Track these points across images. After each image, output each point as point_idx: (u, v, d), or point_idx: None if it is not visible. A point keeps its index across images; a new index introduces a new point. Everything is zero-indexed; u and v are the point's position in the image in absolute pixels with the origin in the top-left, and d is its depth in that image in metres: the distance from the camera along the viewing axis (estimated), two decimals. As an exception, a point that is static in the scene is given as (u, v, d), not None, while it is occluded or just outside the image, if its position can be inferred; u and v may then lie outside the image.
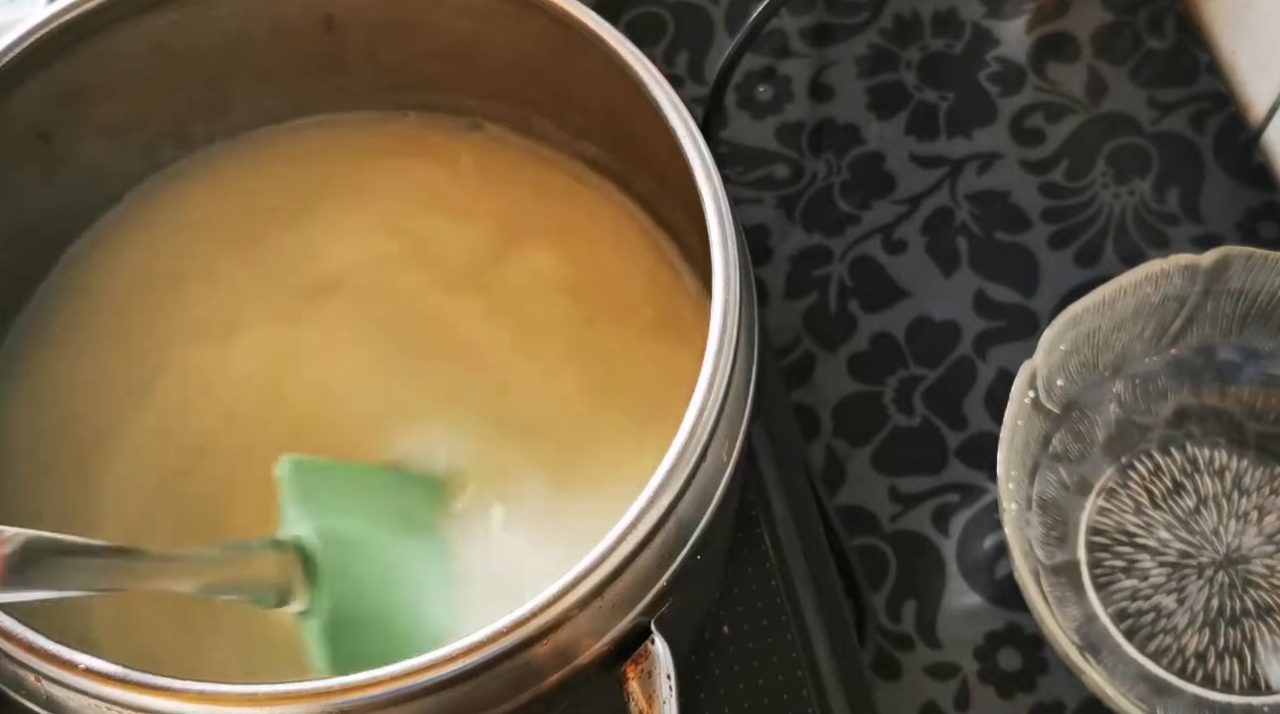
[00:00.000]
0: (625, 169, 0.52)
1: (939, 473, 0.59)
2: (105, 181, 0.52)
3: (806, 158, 0.66)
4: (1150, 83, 0.68)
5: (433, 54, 0.52)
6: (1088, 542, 0.56)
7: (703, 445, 0.39)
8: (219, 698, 0.35)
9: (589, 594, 0.37)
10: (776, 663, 0.52)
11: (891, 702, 0.55)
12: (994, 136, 0.67)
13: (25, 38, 0.45)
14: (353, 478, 0.45)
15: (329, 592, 0.41)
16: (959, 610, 0.57)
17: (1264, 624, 0.55)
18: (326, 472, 0.44)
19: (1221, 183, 0.65)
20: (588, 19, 0.45)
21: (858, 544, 0.58)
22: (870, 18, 0.70)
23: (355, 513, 0.43)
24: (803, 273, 0.64)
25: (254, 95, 0.53)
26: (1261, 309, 0.58)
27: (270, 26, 0.51)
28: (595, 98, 0.49)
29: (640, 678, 0.39)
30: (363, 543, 0.43)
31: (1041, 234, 0.64)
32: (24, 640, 0.36)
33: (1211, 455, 0.58)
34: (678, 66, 0.68)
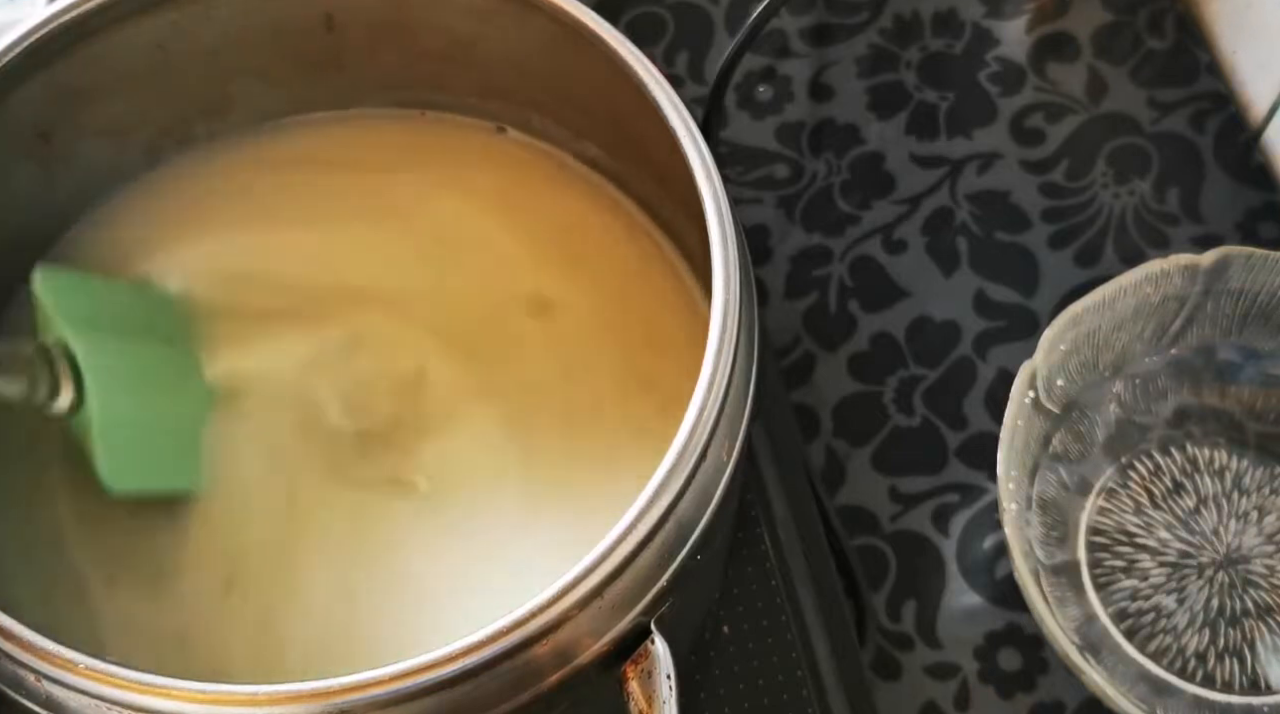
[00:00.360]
0: (625, 169, 0.52)
1: (939, 473, 0.59)
2: (105, 181, 0.52)
3: (806, 158, 0.66)
4: (1150, 83, 0.68)
5: (433, 54, 0.52)
6: (1088, 542, 0.56)
7: (703, 445, 0.39)
8: (219, 698, 0.35)
9: (589, 594, 0.37)
10: (776, 663, 0.52)
11: (891, 702, 0.55)
12: (994, 136, 0.67)
13: (25, 38, 0.45)
14: (106, 290, 0.48)
15: (94, 391, 0.44)
16: (959, 610, 0.57)
17: (1264, 624, 0.55)
18: (80, 283, 0.48)
19: (1221, 183, 0.65)
20: (588, 19, 0.45)
21: (858, 544, 0.58)
22: (870, 18, 0.70)
23: (110, 320, 0.47)
24: (803, 273, 0.64)
25: (254, 95, 0.53)
26: (1261, 309, 0.58)
27: (270, 26, 0.51)
28: (595, 98, 0.49)
29: (640, 678, 0.39)
30: (119, 346, 0.46)
31: (1041, 234, 0.64)
32: (24, 640, 0.36)
33: (1211, 455, 0.58)
34: (678, 66, 0.68)
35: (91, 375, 0.44)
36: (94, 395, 0.44)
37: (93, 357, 0.44)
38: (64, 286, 0.46)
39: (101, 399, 0.44)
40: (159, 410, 0.47)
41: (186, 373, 0.49)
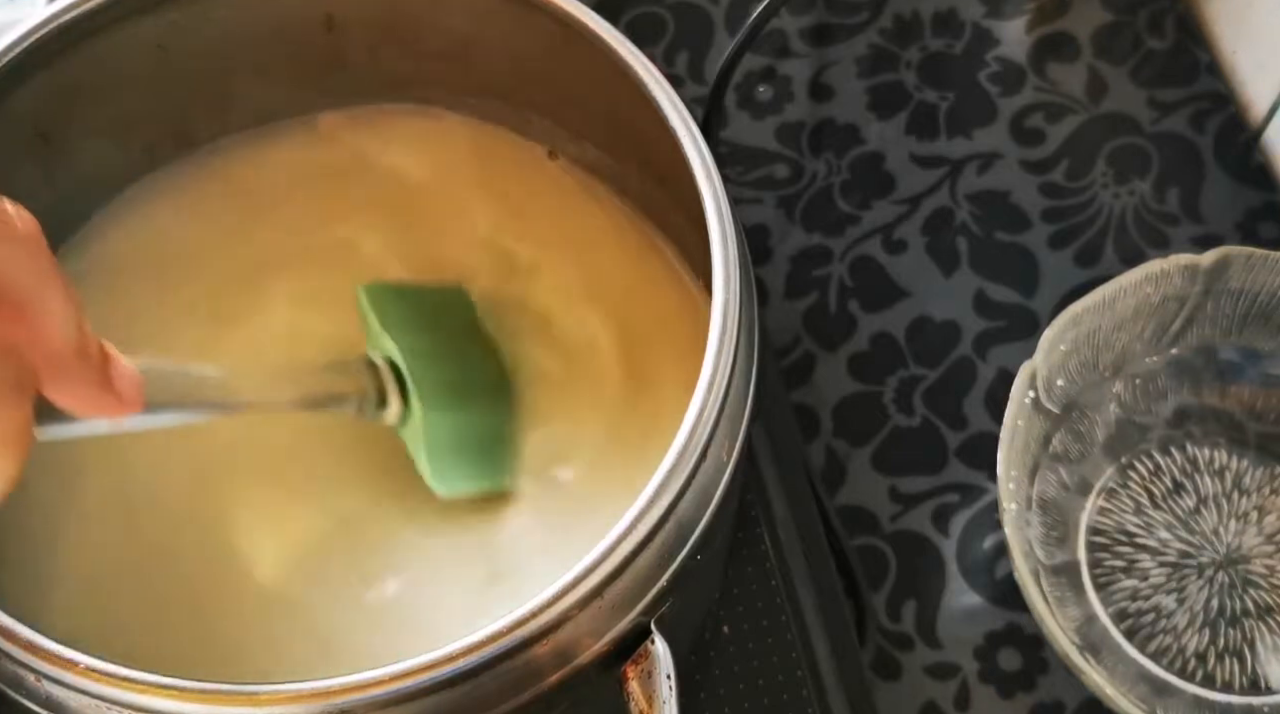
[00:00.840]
0: (625, 169, 0.52)
1: (939, 473, 0.59)
2: (105, 181, 0.52)
3: (806, 158, 0.66)
4: (1150, 83, 0.68)
5: (433, 54, 0.52)
6: (1088, 542, 0.56)
7: (703, 445, 0.39)
8: (219, 698, 0.35)
9: (589, 594, 0.37)
10: (776, 663, 0.52)
11: (891, 702, 0.55)
12: (994, 136, 0.67)
13: (25, 38, 0.45)
14: (417, 297, 0.49)
15: (418, 401, 0.45)
16: (959, 610, 0.57)
17: (1264, 624, 0.55)
18: (399, 294, 0.48)
19: (1221, 183, 0.65)
20: (588, 19, 0.45)
21: (858, 544, 0.58)
22: (870, 18, 0.70)
23: (429, 327, 0.47)
24: (803, 273, 0.64)
25: (254, 94, 0.53)
26: (1261, 309, 0.58)
27: (270, 26, 0.51)
28: (595, 98, 0.49)
29: (640, 678, 0.39)
30: (439, 354, 0.47)
31: (1041, 234, 0.64)
32: (24, 640, 0.36)
33: (1211, 455, 0.58)
34: (678, 66, 0.68)
35: (416, 385, 0.45)
36: (419, 404, 0.45)
37: (416, 367, 0.45)
38: (383, 298, 0.47)
39: (427, 407, 0.45)
40: (475, 412, 0.48)
41: (494, 373, 0.50)
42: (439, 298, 0.50)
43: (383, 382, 0.45)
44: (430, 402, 0.46)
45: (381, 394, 0.45)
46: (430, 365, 0.46)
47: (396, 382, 0.46)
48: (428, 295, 0.50)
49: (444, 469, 0.46)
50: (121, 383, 0.32)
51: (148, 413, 0.34)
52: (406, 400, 0.46)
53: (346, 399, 0.44)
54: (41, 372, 0.30)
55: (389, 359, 0.46)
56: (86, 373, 0.31)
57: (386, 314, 0.47)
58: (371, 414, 0.45)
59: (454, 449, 0.47)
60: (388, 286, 0.49)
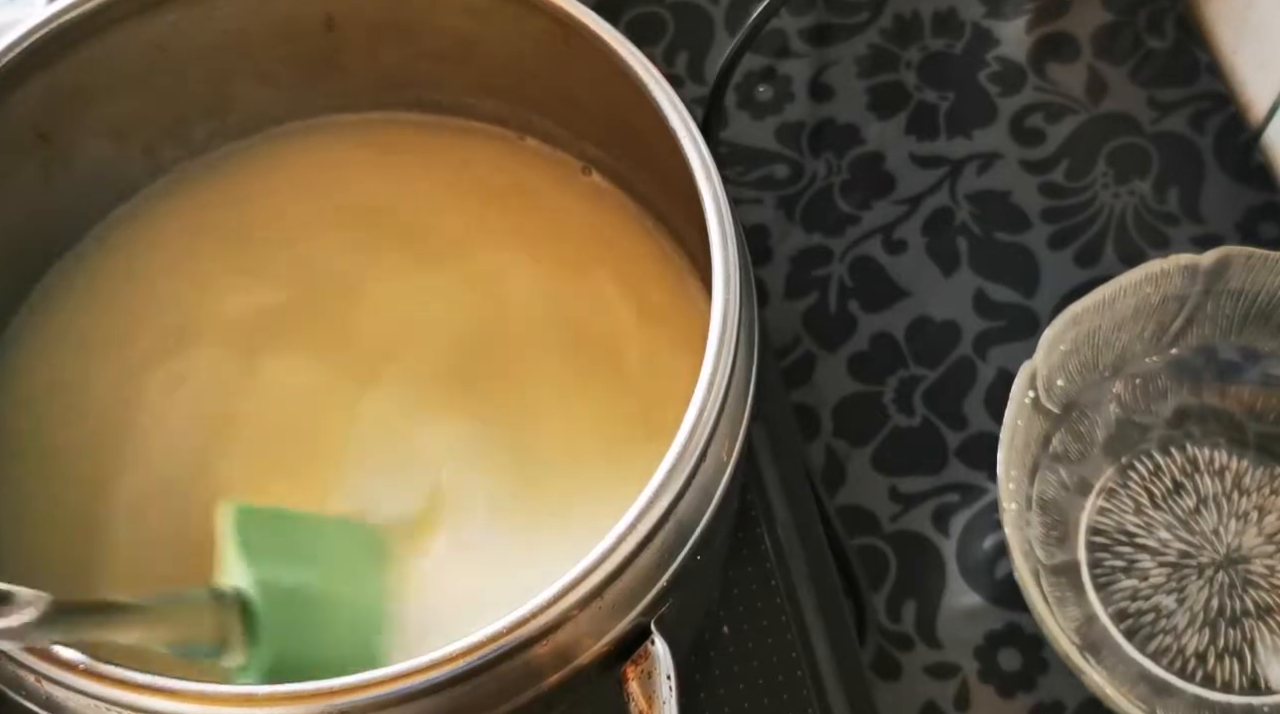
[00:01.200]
0: (625, 169, 0.52)
1: (939, 473, 0.59)
2: (105, 182, 0.52)
3: (806, 158, 0.66)
4: (1150, 83, 0.68)
5: (433, 54, 0.52)
6: (1088, 542, 0.56)
7: (703, 445, 0.39)
8: (219, 698, 0.35)
9: (589, 594, 0.37)
10: (776, 663, 0.52)
11: (891, 702, 0.55)
12: (994, 136, 0.67)
13: (25, 38, 0.45)
14: (296, 525, 0.44)
15: (267, 644, 0.40)
16: (959, 610, 0.57)
17: (1264, 624, 0.55)
18: (270, 519, 0.43)
19: (1221, 183, 0.65)
20: (588, 19, 0.45)
21: (858, 544, 0.58)
22: (870, 18, 0.70)
23: (296, 562, 0.42)
24: (803, 273, 0.64)
25: (254, 96, 0.53)
26: (1261, 309, 0.58)
27: (270, 26, 0.51)
28: (595, 98, 0.49)
29: (640, 678, 0.39)
30: (303, 594, 0.42)
31: (1041, 234, 0.64)
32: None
33: (1211, 455, 0.58)
34: (678, 66, 0.68)
35: (268, 630, 0.40)
36: (265, 648, 0.40)
37: (272, 609, 0.40)
38: (252, 522, 0.42)
39: (274, 653, 0.40)
40: (333, 658, 0.41)
41: (365, 610, 0.44)
42: (311, 526, 0.45)
43: (227, 622, 0.40)
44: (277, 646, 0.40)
45: (223, 639, 0.40)
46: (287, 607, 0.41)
47: (244, 624, 0.40)
48: (298, 521, 0.45)
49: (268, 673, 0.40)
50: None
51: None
52: (251, 640, 0.40)
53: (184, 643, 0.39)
54: None
55: (238, 596, 0.40)
56: None
57: (252, 540, 0.41)
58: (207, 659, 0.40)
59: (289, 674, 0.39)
60: (258, 510, 0.43)
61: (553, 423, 0.49)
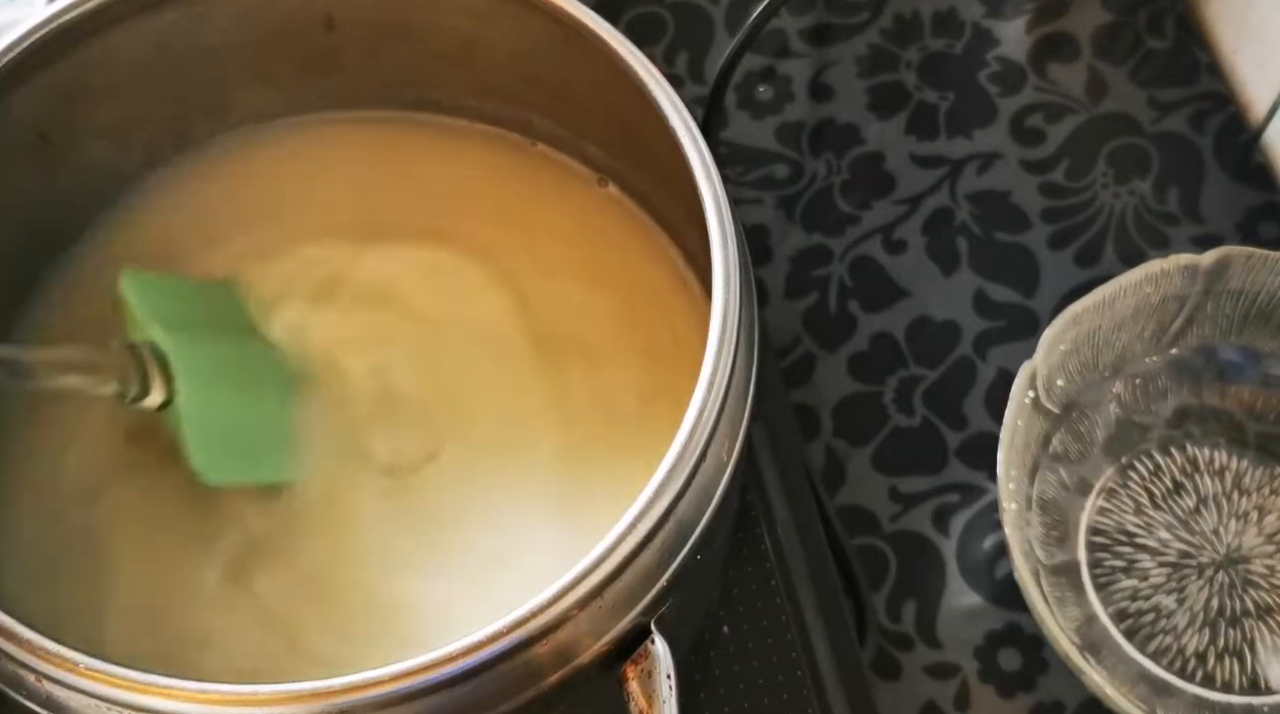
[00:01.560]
0: (625, 169, 0.52)
1: (939, 473, 0.59)
2: (105, 182, 0.52)
3: (806, 158, 0.66)
4: (1150, 83, 0.68)
5: (433, 54, 0.52)
6: (1088, 542, 0.56)
7: (703, 445, 0.39)
8: (219, 698, 0.35)
9: (589, 594, 0.37)
10: (776, 663, 0.52)
11: (891, 702, 0.55)
12: (994, 136, 0.67)
13: (25, 38, 0.45)
14: (185, 288, 0.49)
15: (184, 384, 0.45)
16: (959, 610, 0.57)
17: (1264, 624, 0.55)
18: (161, 283, 0.49)
19: (1221, 183, 0.65)
20: (588, 19, 0.45)
21: (858, 544, 0.58)
22: (870, 18, 0.70)
23: (195, 318, 0.47)
24: (803, 273, 0.64)
25: (254, 95, 0.53)
26: (1261, 309, 0.58)
27: (270, 26, 0.51)
28: (595, 98, 0.49)
29: (640, 678, 0.39)
30: (204, 342, 0.47)
31: (1041, 234, 0.64)
32: (24, 640, 0.36)
33: (1211, 455, 0.58)
34: (678, 66, 0.68)
35: (181, 372, 0.45)
36: (184, 391, 0.45)
37: (181, 353, 0.45)
38: (147, 287, 0.47)
39: (191, 394, 0.45)
40: (247, 403, 0.48)
41: (268, 365, 0.50)
42: (207, 292, 0.50)
43: (145, 366, 0.45)
44: (197, 388, 0.46)
45: (144, 379, 0.45)
46: (196, 352, 0.46)
47: (160, 369, 0.45)
48: (194, 288, 0.50)
49: (212, 457, 0.46)
50: None
51: None
52: (169, 388, 0.45)
53: (105, 380, 0.44)
54: None
55: (153, 345, 0.45)
56: None
57: (151, 302, 0.47)
58: (135, 397, 0.45)
59: (223, 437, 0.47)
60: (152, 276, 0.49)
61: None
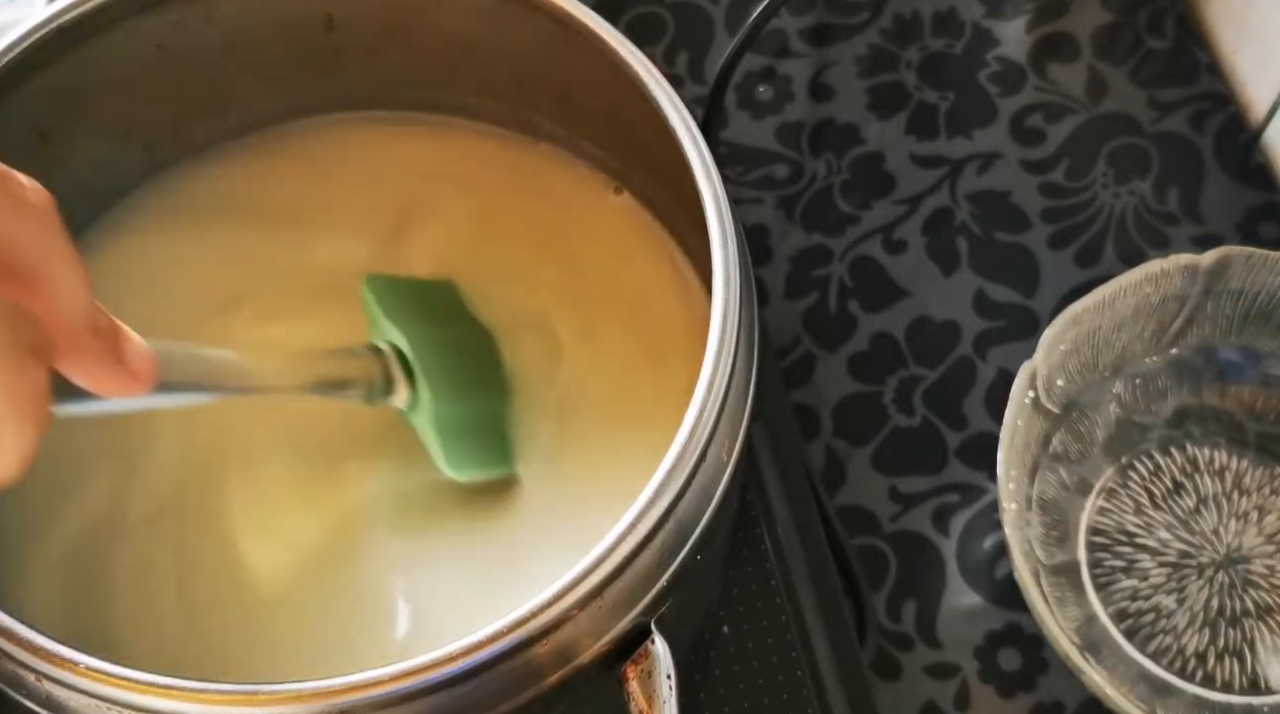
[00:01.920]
0: (625, 169, 0.52)
1: (939, 473, 0.59)
2: (105, 182, 0.52)
3: (806, 158, 0.66)
4: (1150, 83, 0.68)
5: (433, 54, 0.52)
6: (1088, 542, 0.56)
7: (703, 445, 0.39)
8: (219, 698, 0.35)
9: (589, 594, 0.37)
10: (776, 663, 0.52)
11: (891, 702, 0.55)
12: (994, 136, 0.67)
13: (25, 38, 0.45)
14: (416, 289, 0.50)
15: (426, 385, 0.46)
16: (959, 610, 0.57)
17: (1264, 624, 0.55)
18: (397, 285, 0.49)
19: (1221, 183, 0.65)
20: (588, 19, 0.45)
21: (858, 544, 0.58)
22: (870, 18, 0.70)
23: (428, 317, 0.48)
24: (803, 273, 0.64)
25: (254, 95, 0.53)
26: (1261, 309, 0.58)
27: (270, 26, 0.51)
28: (595, 98, 0.49)
29: (640, 678, 0.39)
30: (440, 342, 0.48)
31: (1041, 234, 0.64)
32: (24, 640, 0.36)
33: (1211, 455, 0.58)
34: (678, 66, 0.68)
35: (422, 371, 0.46)
36: (426, 389, 0.46)
37: (420, 353, 0.46)
38: (384, 289, 0.48)
39: (434, 392, 0.46)
40: (478, 400, 0.49)
41: (491, 363, 0.51)
42: (433, 290, 0.51)
43: (389, 368, 0.46)
44: (437, 387, 0.46)
45: (388, 380, 0.46)
46: (433, 353, 0.47)
47: (403, 368, 0.46)
48: (423, 288, 0.51)
49: (456, 453, 0.47)
50: (134, 359, 0.32)
51: (160, 392, 0.34)
52: (413, 388, 0.46)
53: (354, 384, 0.45)
54: (54, 344, 0.30)
55: (394, 346, 0.46)
56: (99, 347, 0.31)
57: (389, 304, 0.47)
58: (379, 399, 0.46)
59: (463, 434, 0.47)
60: (387, 278, 0.49)
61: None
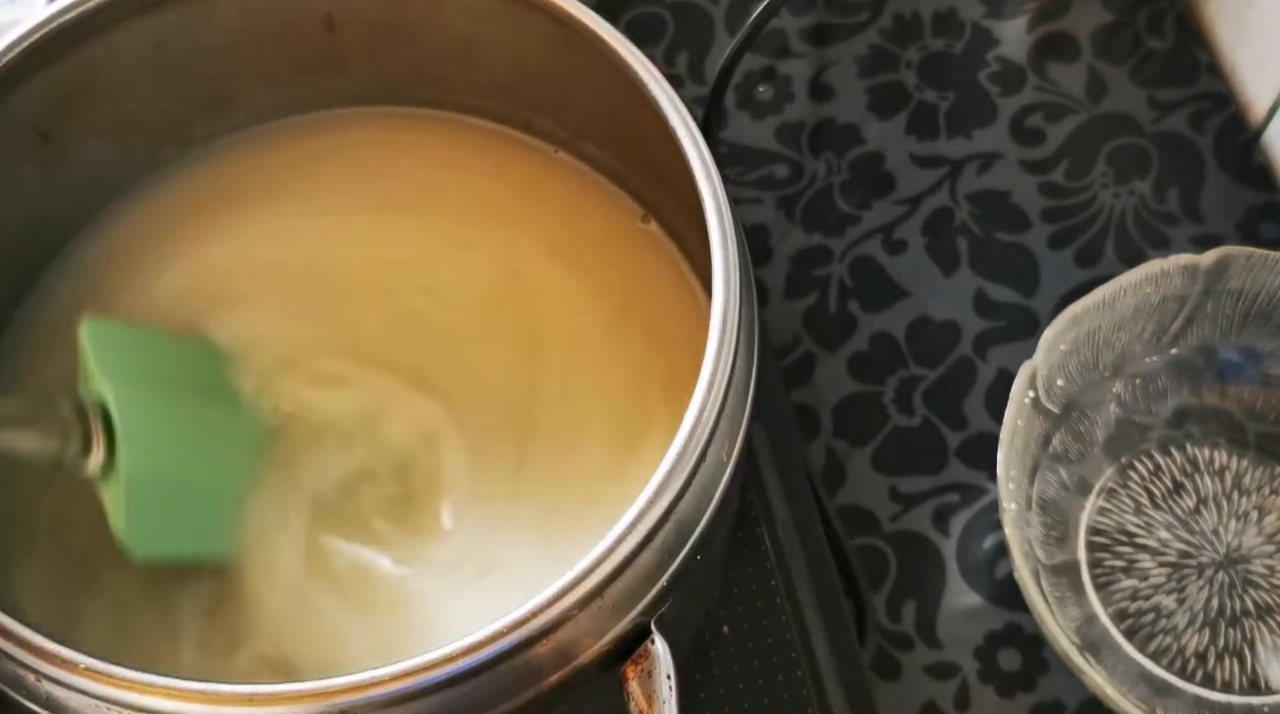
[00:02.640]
0: (626, 169, 0.52)
1: (939, 473, 0.59)
2: (105, 182, 0.52)
3: (806, 158, 0.66)
4: (1150, 83, 0.68)
5: (433, 54, 0.52)
6: (1088, 542, 0.56)
7: (703, 445, 0.39)
8: (219, 698, 0.35)
9: (589, 594, 0.37)
10: (776, 663, 0.52)
11: (891, 702, 0.55)
12: (994, 136, 0.67)
13: (25, 38, 0.45)
14: (152, 344, 0.46)
15: (127, 452, 0.42)
16: (959, 610, 0.57)
17: (1264, 624, 0.55)
18: (127, 337, 0.46)
19: (1221, 183, 0.65)
20: (588, 19, 0.45)
21: (858, 544, 0.58)
22: (870, 18, 0.70)
23: (155, 377, 0.44)
24: (803, 273, 0.64)
25: (254, 95, 0.53)
26: (1261, 309, 0.58)
27: (270, 26, 0.51)
28: (595, 98, 0.49)
29: (640, 678, 0.39)
30: (161, 406, 0.44)
31: (1041, 234, 0.64)
32: (24, 640, 0.36)
33: (1211, 455, 0.58)
34: (678, 66, 0.68)
35: (126, 434, 0.42)
36: (125, 456, 0.42)
37: (130, 415, 0.42)
38: (108, 337, 0.44)
39: (133, 460, 0.42)
40: (194, 472, 0.45)
41: (231, 432, 0.47)
42: (179, 346, 0.48)
43: (88, 424, 0.42)
44: (140, 457, 0.42)
45: (86, 441, 0.42)
46: (148, 411, 0.43)
47: (105, 430, 0.42)
48: (164, 342, 0.47)
49: (143, 530, 0.43)
50: None
51: None
52: (113, 451, 0.42)
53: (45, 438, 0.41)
54: None
55: (100, 402, 0.42)
56: None
57: (108, 355, 0.43)
58: (71, 462, 0.42)
59: (160, 510, 0.43)
60: (118, 327, 0.46)
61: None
